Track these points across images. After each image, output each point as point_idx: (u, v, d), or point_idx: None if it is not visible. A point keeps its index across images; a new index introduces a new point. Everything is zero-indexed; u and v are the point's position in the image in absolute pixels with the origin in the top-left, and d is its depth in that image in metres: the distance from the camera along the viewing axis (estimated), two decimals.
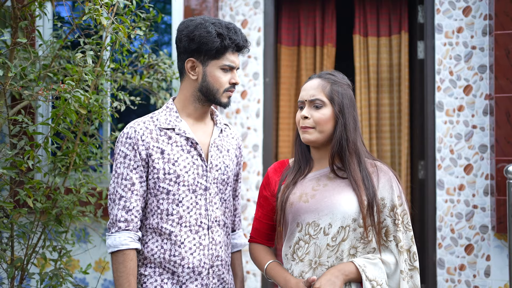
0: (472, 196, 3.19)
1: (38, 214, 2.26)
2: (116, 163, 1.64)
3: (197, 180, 1.66)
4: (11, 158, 2.05)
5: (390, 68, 3.75)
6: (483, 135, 3.19)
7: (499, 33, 3.06)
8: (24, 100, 2.44)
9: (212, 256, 1.67)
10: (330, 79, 1.65)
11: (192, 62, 1.67)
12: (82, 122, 2.37)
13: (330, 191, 1.61)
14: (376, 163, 1.67)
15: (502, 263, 3.10)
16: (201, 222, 1.66)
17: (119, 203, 1.61)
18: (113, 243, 1.60)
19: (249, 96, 3.54)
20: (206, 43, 1.62)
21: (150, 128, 1.65)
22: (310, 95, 1.63)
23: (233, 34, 1.64)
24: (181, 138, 1.67)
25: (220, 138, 1.77)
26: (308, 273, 1.59)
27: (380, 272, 1.54)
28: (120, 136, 1.66)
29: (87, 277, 3.50)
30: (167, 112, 1.70)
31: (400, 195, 1.64)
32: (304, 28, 3.84)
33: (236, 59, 1.68)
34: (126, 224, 1.61)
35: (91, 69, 2.09)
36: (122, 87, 3.02)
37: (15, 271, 2.24)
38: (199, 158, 1.67)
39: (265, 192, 1.77)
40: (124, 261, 1.59)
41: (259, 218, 1.78)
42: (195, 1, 3.45)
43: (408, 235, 1.61)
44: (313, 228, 1.60)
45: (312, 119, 1.62)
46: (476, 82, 3.21)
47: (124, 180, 1.61)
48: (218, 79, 1.66)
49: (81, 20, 2.12)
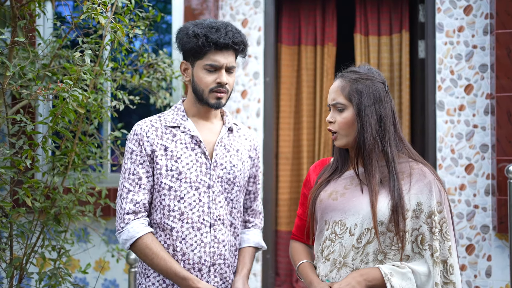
0: (473, 196, 3.17)
1: (37, 213, 2.25)
2: (124, 159, 1.70)
3: (200, 178, 1.67)
4: (10, 157, 2.05)
5: (391, 67, 3.74)
6: (484, 134, 3.17)
7: (500, 32, 3.04)
8: (24, 99, 2.44)
9: (213, 254, 1.67)
10: (350, 78, 1.59)
11: (184, 65, 1.73)
12: (81, 121, 2.37)
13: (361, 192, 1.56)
14: (415, 165, 1.57)
15: (504, 263, 3.09)
16: (203, 220, 1.66)
17: (127, 197, 1.64)
18: (128, 235, 1.61)
19: (249, 96, 3.54)
20: (185, 45, 1.67)
21: (156, 126, 1.70)
22: (331, 99, 1.61)
23: (212, 33, 1.62)
24: (186, 136, 1.70)
25: (228, 138, 1.77)
26: (333, 272, 1.54)
27: (408, 283, 1.45)
28: (129, 134, 1.72)
29: (87, 277, 3.49)
30: (174, 112, 1.75)
31: (441, 201, 1.53)
32: (305, 27, 3.83)
33: (221, 58, 1.65)
34: (134, 215, 1.63)
35: (89, 68, 2.09)
36: (122, 86, 3.02)
37: (14, 271, 2.24)
38: (203, 156, 1.69)
39: (305, 189, 1.76)
40: (148, 245, 1.60)
41: (300, 215, 1.77)
42: (196, 1, 3.44)
43: (446, 245, 1.50)
44: (339, 227, 1.55)
45: (336, 123, 1.60)
46: (477, 81, 3.20)
47: (131, 175, 1.66)
48: (202, 79, 1.67)
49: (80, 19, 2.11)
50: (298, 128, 3.88)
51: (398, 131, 1.59)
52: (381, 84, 1.59)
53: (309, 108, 3.85)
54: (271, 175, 3.52)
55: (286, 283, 3.77)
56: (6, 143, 2.27)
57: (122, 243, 1.64)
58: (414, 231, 1.51)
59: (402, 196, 1.49)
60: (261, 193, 3.48)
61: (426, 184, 1.53)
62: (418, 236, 1.50)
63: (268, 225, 3.48)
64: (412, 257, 1.50)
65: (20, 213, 2.17)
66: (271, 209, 3.50)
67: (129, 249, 1.64)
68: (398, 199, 1.48)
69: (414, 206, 1.51)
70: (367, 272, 1.48)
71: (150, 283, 1.68)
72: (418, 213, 1.51)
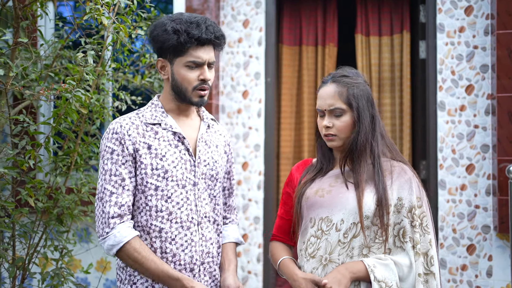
0: (474, 196, 3.18)
1: (40, 213, 2.26)
2: (103, 160, 1.60)
3: (186, 175, 1.63)
4: (13, 157, 2.05)
5: (392, 68, 3.74)
6: (485, 135, 3.18)
7: (501, 32, 3.05)
8: (26, 100, 2.45)
9: (202, 252, 1.64)
10: (345, 83, 1.62)
11: (161, 62, 1.65)
12: (84, 121, 2.37)
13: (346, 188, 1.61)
14: (396, 163, 1.65)
15: (504, 263, 3.09)
16: (192, 218, 1.62)
17: (110, 200, 1.55)
18: (115, 241, 1.53)
19: (250, 96, 3.54)
20: (164, 42, 1.58)
21: (136, 123, 1.62)
22: (328, 104, 1.62)
23: (193, 29, 1.56)
24: (168, 133, 1.64)
25: (207, 133, 1.74)
26: (318, 269, 1.58)
27: (390, 274, 1.52)
28: (106, 133, 1.62)
29: (89, 277, 3.50)
30: (152, 108, 1.68)
31: (421, 196, 1.61)
32: (306, 28, 3.83)
33: (203, 54, 1.59)
34: (120, 219, 1.55)
35: (92, 68, 2.10)
36: (124, 86, 3.03)
37: (16, 271, 2.25)
38: (186, 152, 1.64)
39: (288, 189, 1.78)
40: (136, 249, 1.53)
41: (282, 215, 1.79)
42: (197, 1, 3.45)
43: (426, 238, 1.57)
44: (325, 224, 1.60)
45: (335, 127, 1.62)
46: (478, 81, 3.21)
47: (113, 176, 1.57)
48: (184, 76, 1.60)
49: (82, 20, 2.12)
50: (299, 128, 3.89)
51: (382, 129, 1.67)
52: (368, 86, 1.68)
53: (310, 108, 3.85)
54: (272, 175, 3.53)
55: (287, 283, 3.78)
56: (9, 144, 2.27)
57: (107, 249, 1.55)
58: (396, 225, 1.58)
59: (386, 191, 1.57)
60: (263, 193, 3.49)
61: (406, 180, 1.61)
62: (400, 229, 1.57)
63: (269, 225, 3.49)
64: (394, 250, 1.57)
65: (23, 213, 2.17)
66: (272, 209, 3.51)
67: (115, 255, 1.56)
68: (383, 193, 1.56)
69: (396, 201, 1.59)
70: (351, 265, 1.54)
71: None
72: (399, 208, 1.58)
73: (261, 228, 3.49)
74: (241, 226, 3.52)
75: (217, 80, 3.52)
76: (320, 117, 1.67)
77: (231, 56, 3.58)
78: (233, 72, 3.57)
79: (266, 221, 3.49)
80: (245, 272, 3.50)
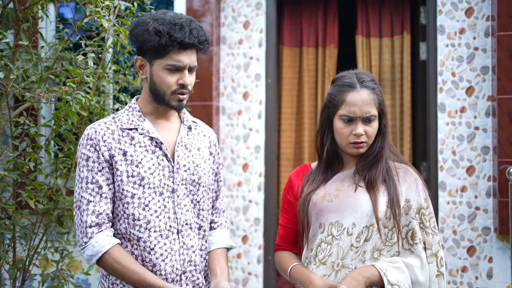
0: (474, 198, 3.18)
1: (40, 215, 2.27)
2: (79, 167, 1.54)
3: (164, 182, 1.56)
4: (13, 160, 2.06)
5: (392, 69, 3.75)
6: (486, 136, 3.18)
7: (501, 34, 3.05)
8: (27, 102, 2.45)
9: (183, 261, 1.57)
10: (375, 89, 1.61)
11: (140, 61, 1.58)
12: (84, 123, 2.38)
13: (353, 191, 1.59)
14: (398, 164, 1.65)
15: (505, 265, 3.09)
16: (170, 226, 1.55)
17: (87, 209, 1.50)
18: (94, 251, 1.48)
19: (251, 98, 3.55)
20: (144, 42, 1.51)
21: (112, 129, 1.56)
22: (365, 111, 1.57)
23: (176, 32, 1.48)
24: (145, 138, 1.57)
25: (188, 137, 1.66)
26: (331, 276, 1.55)
27: (403, 276, 1.50)
28: (81, 139, 1.57)
29: (89, 278, 3.51)
30: (129, 112, 1.61)
31: (427, 198, 1.61)
32: (306, 29, 3.84)
33: (185, 58, 1.52)
34: (98, 228, 1.50)
35: (92, 71, 2.10)
36: (124, 88, 3.03)
37: (17, 272, 2.25)
38: (164, 158, 1.57)
39: (289, 196, 1.73)
40: (116, 259, 1.48)
41: (285, 224, 1.73)
42: (198, 3, 3.45)
43: (435, 239, 1.57)
44: (336, 228, 1.57)
45: (366, 134, 1.59)
46: (479, 83, 3.21)
47: (90, 184, 1.51)
48: (163, 79, 1.53)
49: (83, 22, 2.13)
50: (299, 130, 3.89)
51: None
52: None
53: (311, 109, 3.85)
54: (273, 177, 3.53)
55: (288, 285, 3.78)
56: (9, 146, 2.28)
57: (87, 259, 1.50)
58: (404, 227, 1.57)
59: (397, 192, 1.56)
60: (263, 194, 3.50)
61: (413, 181, 1.61)
62: (409, 231, 1.56)
63: (269, 226, 3.49)
64: (403, 253, 1.56)
65: (23, 215, 2.18)
66: (272, 211, 3.51)
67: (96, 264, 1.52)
68: (394, 194, 1.56)
69: (403, 203, 1.58)
70: (364, 270, 1.52)
71: None
72: (407, 210, 1.57)
73: (261, 229, 3.50)
74: (242, 227, 3.52)
75: (217, 82, 3.52)
76: (345, 123, 1.59)
77: (231, 57, 3.59)
78: (234, 74, 3.58)
79: (267, 223, 3.50)
80: (246, 273, 3.50)
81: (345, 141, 1.60)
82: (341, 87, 1.61)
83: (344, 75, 1.65)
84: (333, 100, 1.62)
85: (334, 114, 1.62)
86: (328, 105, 1.64)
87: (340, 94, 1.60)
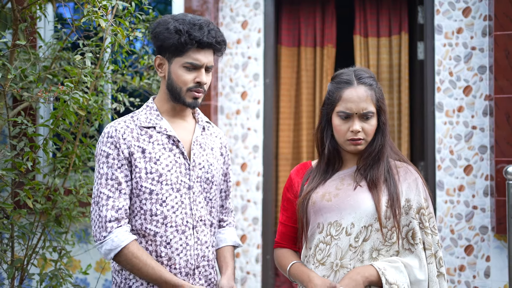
0: (471, 197, 3.18)
1: (38, 215, 2.27)
2: (98, 164, 1.59)
3: (180, 179, 1.62)
4: (11, 159, 2.07)
5: (390, 69, 3.75)
6: (483, 136, 3.18)
7: (498, 34, 3.05)
8: (25, 101, 2.46)
9: (197, 256, 1.63)
10: (373, 86, 1.59)
11: (159, 60, 1.65)
12: (82, 123, 2.38)
13: (353, 190, 1.59)
14: (399, 163, 1.63)
15: (502, 264, 3.10)
16: (187, 222, 1.61)
17: (107, 204, 1.54)
18: (113, 245, 1.51)
19: (249, 97, 3.55)
20: (164, 40, 1.58)
21: (131, 127, 1.61)
22: (362, 108, 1.56)
23: (196, 31, 1.56)
24: (162, 136, 1.63)
25: (202, 136, 1.73)
26: (329, 277, 1.55)
27: (401, 276, 1.49)
28: (101, 136, 1.62)
29: (88, 278, 3.51)
30: (147, 111, 1.67)
31: (427, 197, 1.59)
32: (304, 29, 3.84)
33: (202, 57, 1.59)
34: (117, 223, 1.54)
35: (90, 70, 2.11)
36: (122, 88, 3.04)
37: (15, 272, 2.26)
38: (181, 156, 1.64)
39: (289, 194, 1.73)
40: (134, 254, 1.52)
41: (284, 221, 1.74)
42: (196, 3, 3.46)
43: (435, 239, 1.56)
44: (335, 228, 1.56)
45: (363, 131, 1.58)
46: (476, 83, 3.21)
47: (110, 180, 1.56)
48: (180, 77, 1.60)
49: (81, 22, 2.13)
50: (297, 129, 3.90)
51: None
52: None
53: (309, 109, 3.86)
54: (271, 176, 3.53)
55: (286, 284, 3.78)
56: (7, 145, 2.28)
57: (104, 254, 1.54)
58: (404, 227, 1.56)
59: (398, 191, 1.55)
60: (261, 194, 3.50)
61: (413, 180, 1.60)
62: (409, 231, 1.55)
63: (268, 226, 3.50)
64: (402, 253, 1.55)
65: (21, 214, 2.19)
66: (271, 210, 3.52)
67: (112, 259, 1.55)
68: (394, 194, 1.54)
69: (403, 202, 1.56)
70: (363, 270, 1.51)
71: None
72: (407, 210, 1.56)
73: (259, 229, 3.50)
74: (240, 227, 3.53)
75: (215, 81, 3.53)
76: (343, 120, 1.59)
77: (229, 57, 3.59)
78: (232, 73, 3.58)
79: (265, 222, 3.50)
80: (244, 272, 3.51)
81: (343, 138, 1.60)
82: (339, 83, 1.62)
83: (343, 72, 1.66)
84: (331, 97, 1.62)
85: (332, 111, 1.62)
86: (326, 102, 1.65)
87: (337, 91, 1.60)
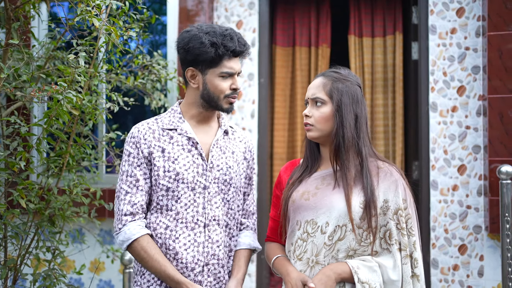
0: (465, 197, 3.20)
1: (32, 215, 2.26)
2: (122, 162, 1.72)
3: (197, 179, 1.70)
4: (4, 159, 2.06)
5: (384, 69, 3.76)
6: (477, 135, 3.20)
7: (492, 34, 3.07)
8: (18, 101, 2.45)
9: (207, 254, 1.69)
10: (332, 77, 1.67)
11: (192, 71, 1.72)
12: (76, 123, 2.37)
13: (331, 190, 1.62)
14: (381, 164, 1.65)
15: (495, 263, 3.12)
16: (197, 220, 1.69)
17: (125, 199, 1.67)
18: (125, 237, 1.64)
19: (244, 97, 3.55)
20: (200, 54, 1.67)
21: (153, 128, 1.73)
22: (311, 93, 1.67)
23: (228, 41, 1.66)
24: (183, 138, 1.73)
25: (224, 140, 1.81)
26: (306, 272, 1.60)
27: (374, 275, 1.53)
28: (127, 137, 1.75)
29: (82, 278, 3.50)
30: (171, 114, 1.78)
31: (406, 198, 1.61)
32: (299, 29, 3.85)
33: (235, 64, 1.70)
34: (132, 217, 1.66)
35: (84, 70, 2.10)
36: (117, 87, 3.03)
37: (8, 272, 2.25)
38: (199, 157, 1.72)
39: (277, 191, 1.81)
40: (143, 247, 1.63)
41: (274, 217, 1.82)
42: (191, 2, 3.45)
43: (411, 240, 1.59)
44: (311, 226, 1.61)
45: (313, 117, 1.66)
46: (470, 83, 3.23)
47: (129, 177, 1.69)
48: (218, 86, 1.69)
49: (74, 21, 2.12)
50: (292, 129, 3.90)
51: (369, 133, 1.69)
52: (359, 87, 1.69)
53: (304, 109, 3.86)
54: (266, 176, 3.54)
55: (281, 283, 3.79)
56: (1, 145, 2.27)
57: (119, 244, 1.67)
58: (382, 227, 1.59)
59: (374, 193, 1.57)
60: (256, 193, 3.50)
61: (392, 182, 1.61)
62: (386, 232, 1.58)
63: (262, 225, 3.50)
64: (381, 253, 1.58)
65: (15, 214, 2.18)
66: (265, 209, 3.52)
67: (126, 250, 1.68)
68: (370, 197, 1.56)
69: (382, 203, 1.59)
70: (336, 266, 1.55)
71: (145, 280, 1.71)
72: (385, 210, 1.59)
73: None
74: None
75: None
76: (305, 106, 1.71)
77: None
78: None
79: (260, 221, 3.50)
80: None
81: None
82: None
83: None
84: None
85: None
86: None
87: None
